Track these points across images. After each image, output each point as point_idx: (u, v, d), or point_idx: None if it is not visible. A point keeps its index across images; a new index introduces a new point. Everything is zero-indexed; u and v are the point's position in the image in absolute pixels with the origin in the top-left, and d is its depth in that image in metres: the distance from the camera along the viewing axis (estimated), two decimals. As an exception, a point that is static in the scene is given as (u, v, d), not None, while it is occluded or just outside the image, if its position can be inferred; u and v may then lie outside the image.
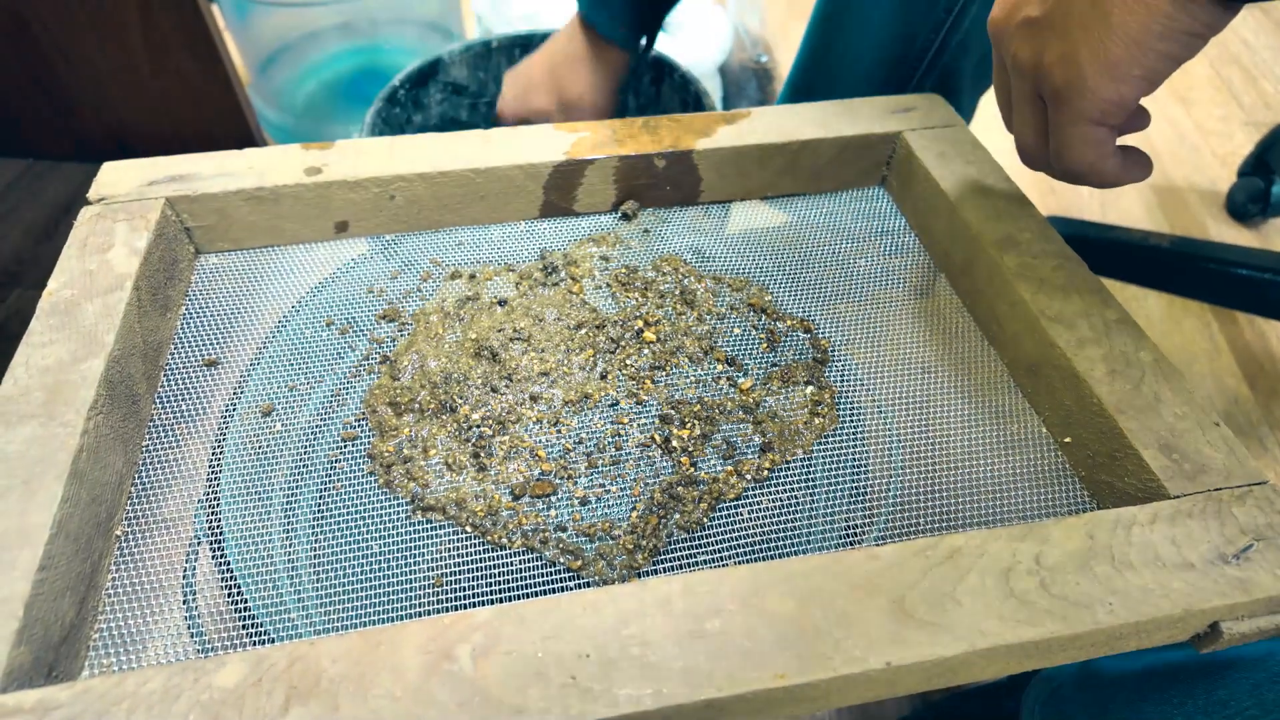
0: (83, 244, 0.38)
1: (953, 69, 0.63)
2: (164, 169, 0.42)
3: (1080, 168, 0.33)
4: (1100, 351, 0.35)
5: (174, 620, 0.30)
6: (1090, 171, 0.33)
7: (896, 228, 0.47)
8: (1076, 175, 0.33)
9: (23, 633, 0.26)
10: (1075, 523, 0.29)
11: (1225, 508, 0.30)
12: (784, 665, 0.25)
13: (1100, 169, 0.33)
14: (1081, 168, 0.33)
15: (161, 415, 0.36)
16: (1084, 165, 0.33)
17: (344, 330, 0.41)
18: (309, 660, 0.25)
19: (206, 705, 0.24)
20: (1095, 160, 0.32)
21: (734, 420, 0.37)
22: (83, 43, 0.93)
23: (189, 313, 0.41)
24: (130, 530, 0.32)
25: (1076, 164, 0.33)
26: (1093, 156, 0.32)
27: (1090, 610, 0.27)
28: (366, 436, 0.36)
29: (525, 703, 0.24)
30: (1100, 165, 0.33)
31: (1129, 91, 0.30)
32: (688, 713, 0.24)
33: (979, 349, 0.40)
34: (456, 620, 0.26)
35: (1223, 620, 0.28)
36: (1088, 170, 0.33)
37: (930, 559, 0.28)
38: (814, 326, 0.42)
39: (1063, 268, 0.39)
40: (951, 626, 0.26)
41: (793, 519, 0.34)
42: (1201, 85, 1.39)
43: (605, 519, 0.34)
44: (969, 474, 0.35)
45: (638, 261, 0.45)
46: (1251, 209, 1.09)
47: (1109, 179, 0.33)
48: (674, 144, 0.45)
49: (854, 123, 0.47)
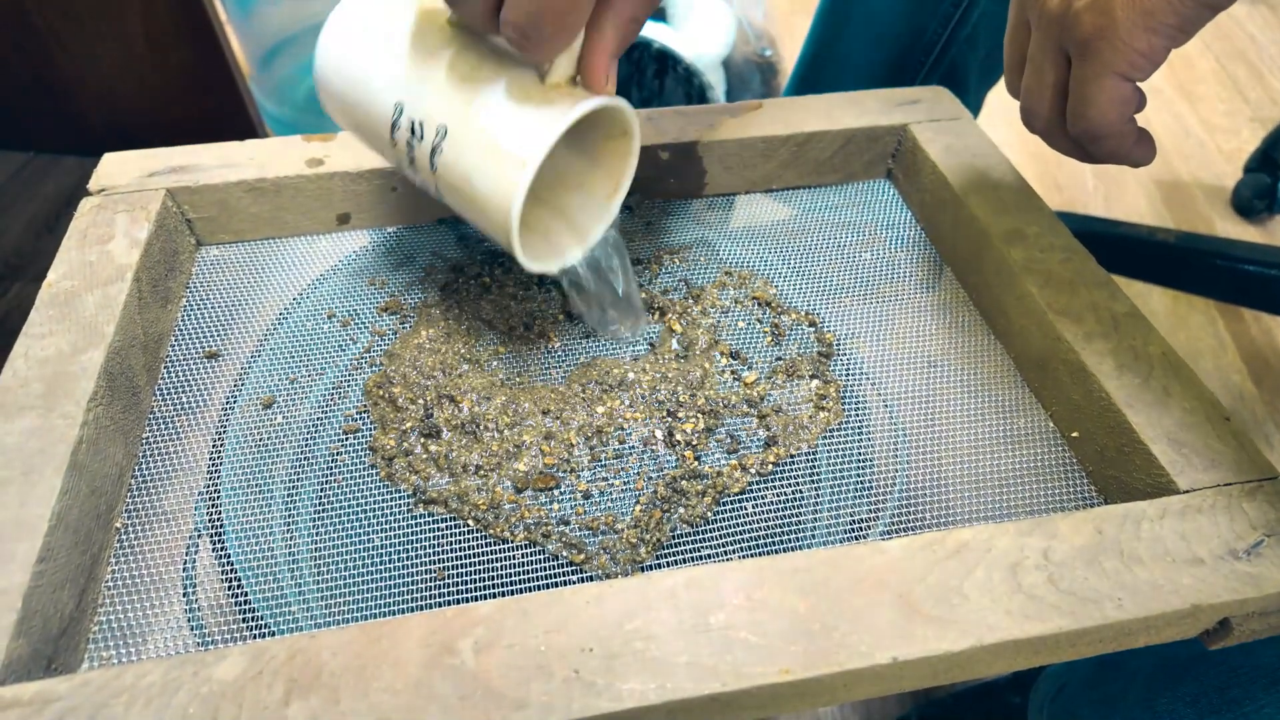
0: (83, 235, 0.38)
1: (959, 63, 0.63)
2: (165, 160, 0.42)
3: (1101, 127, 0.31)
4: (1109, 345, 0.35)
5: (174, 613, 0.30)
6: (1109, 133, 0.31)
7: (902, 221, 0.47)
8: (1094, 136, 0.32)
9: (22, 625, 0.26)
10: (1084, 517, 0.29)
11: (1235, 503, 0.29)
12: (789, 660, 0.25)
13: (1120, 131, 0.31)
14: (1102, 127, 0.31)
15: (162, 407, 0.36)
16: (1104, 124, 0.31)
17: (345, 323, 0.40)
18: (309, 653, 0.24)
19: (206, 698, 0.23)
20: (1116, 119, 0.31)
21: (738, 414, 0.37)
22: (84, 35, 0.93)
23: (190, 304, 0.40)
24: (130, 522, 0.32)
25: (1097, 122, 0.31)
26: (1115, 115, 0.31)
27: (1099, 605, 0.26)
28: (368, 429, 0.36)
29: (528, 697, 0.24)
30: (1120, 127, 0.31)
31: (1160, 43, 0.29)
32: (692, 707, 0.24)
33: (985, 343, 0.40)
34: (458, 614, 0.25)
35: (1233, 616, 0.27)
36: (1107, 131, 0.31)
37: (937, 553, 0.27)
38: (819, 320, 0.41)
39: (1070, 261, 0.39)
40: (959, 621, 0.26)
41: (797, 513, 0.34)
42: (1208, 81, 1.38)
43: (608, 513, 0.34)
44: (975, 468, 0.35)
45: (641, 254, 0.44)
46: (1257, 205, 1.09)
47: (1126, 142, 0.32)
48: (678, 136, 0.45)
49: (859, 115, 0.47)
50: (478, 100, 0.29)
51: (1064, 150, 0.35)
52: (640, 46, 0.77)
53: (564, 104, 0.29)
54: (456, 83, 0.30)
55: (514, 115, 0.29)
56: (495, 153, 0.29)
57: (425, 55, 0.30)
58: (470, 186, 0.30)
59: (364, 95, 0.32)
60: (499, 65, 0.30)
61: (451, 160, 0.30)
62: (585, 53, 0.29)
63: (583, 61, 0.30)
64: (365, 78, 0.32)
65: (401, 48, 0.31)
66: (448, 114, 0.30)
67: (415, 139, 0.30)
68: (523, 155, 0.28)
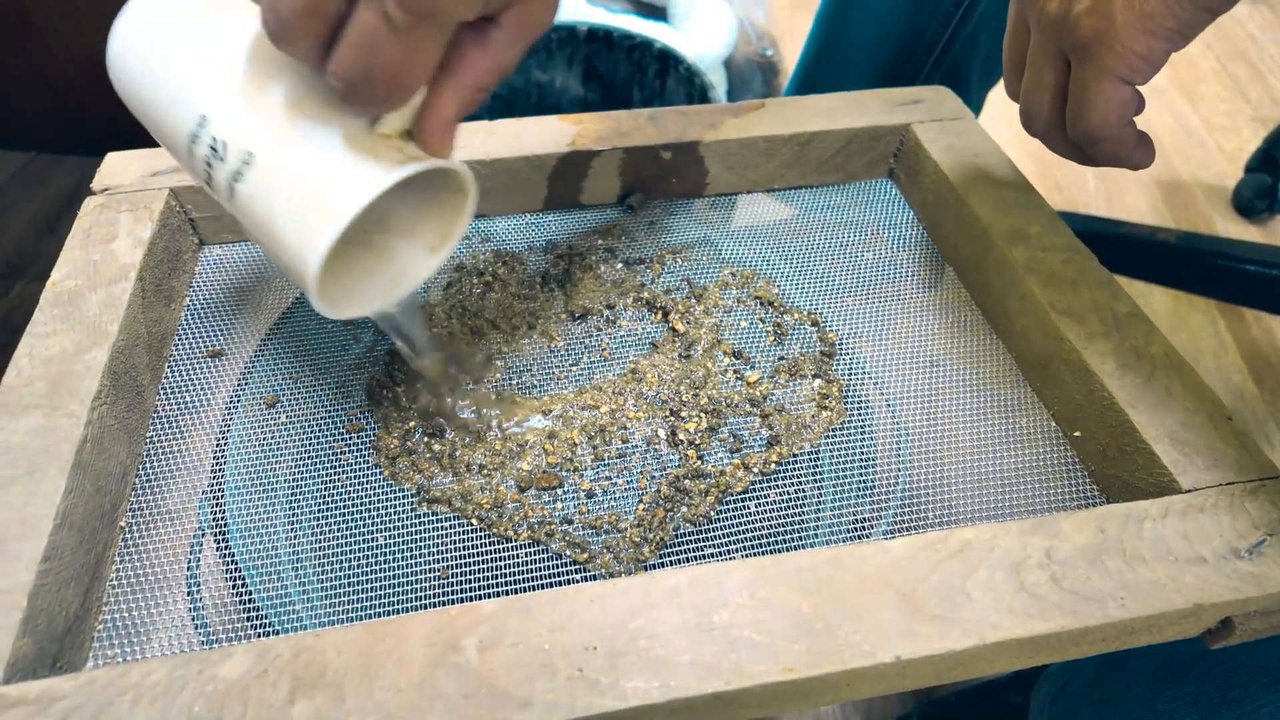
0: (86, 234, 0.38)
1: (961, 63, 0.63)
2: (168, 159, 0.42)
3: (1100, 130, 0.31)
4: (1111, 345, 0.35)
5: (178, 612, 0.30)
6: (1109, 136, 0.32)
7: (904, 220, 0.47)
8: (1093, 139, 0.32)
9: (27, 623, 0.26)
10: (1086, 516, 0.29)
11: (1238, 502, 0.29)
12: (793, 659, 0.25)
13: (1119, 134, 0.32)
14: (1101, 130, 0.31)
15: (165, 406, 0.36)
16: (1104, 127, 0.31)
17: (349, 321, 0.40)
18: (314, 652, 0.24)
19: (211, 696, 0.23)
20: (1116, 123, 0.31)
21: (741, 413, 0.37)
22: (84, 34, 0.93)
23: (193, 304, 0.40)
24: (134, 521, 0.32)
25: (1097, 125, 0.31)
26: (1114, 118, 0.31)
27: (1101, 604, 0.26)
28: (371, 428, 0.36)
29: (532, 695, 0.24)
30: (1119, 130, 0.31)
31: (1159, 46, 0.29)
32: (696, 706, 0.24)
33: (988, 342, 0.40)
34: (462, 612, 0.25)
35: (1235, 615, 0.27)
36: (1107, 134, 0.32)
37: (940, 553, 0.27)
38: (821, 320, 0.41)
39: (1073, 261, 0.39)
40: (962, 620, 0.26)
41: (800, 512, 0.34)
42: (1209, 81, 1.38)
43: (612, 512, 0.34)
44: (977, 468, 0.35)
45: (644, 253, 0.44)
46: (1258, 205, 1.09)
47: (1125, 146, 0.32)
48: (680, 136, 0.45)
49: (861, 115, 0.47)
50: (294, 134, 0.25)
51: (1063, 153, 0.35)
52: (642, 46, 0.77)
53: (390, 160, 0.25)
54: (275, 108, 0.25)
55: (333, 161, 0.25)
56: (304, 198, 0.25)
57: (249, 68, 0.26)
58: (271, 226, 0.26)
59: (164, 92, 0.27)
60: (329, 100, 0.26)
61: (253, 193, 0.25)
62: (423, 114, 0.26)
63: (420, 122, 0.26)
64: (172, 73, 0.27)
65: (224, 51, 0.26)
66: (258, 142, 0.25)
67: (215, 158, 0.26)
68: (334, 207, 0.24)
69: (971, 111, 0.48)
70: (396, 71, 0.23)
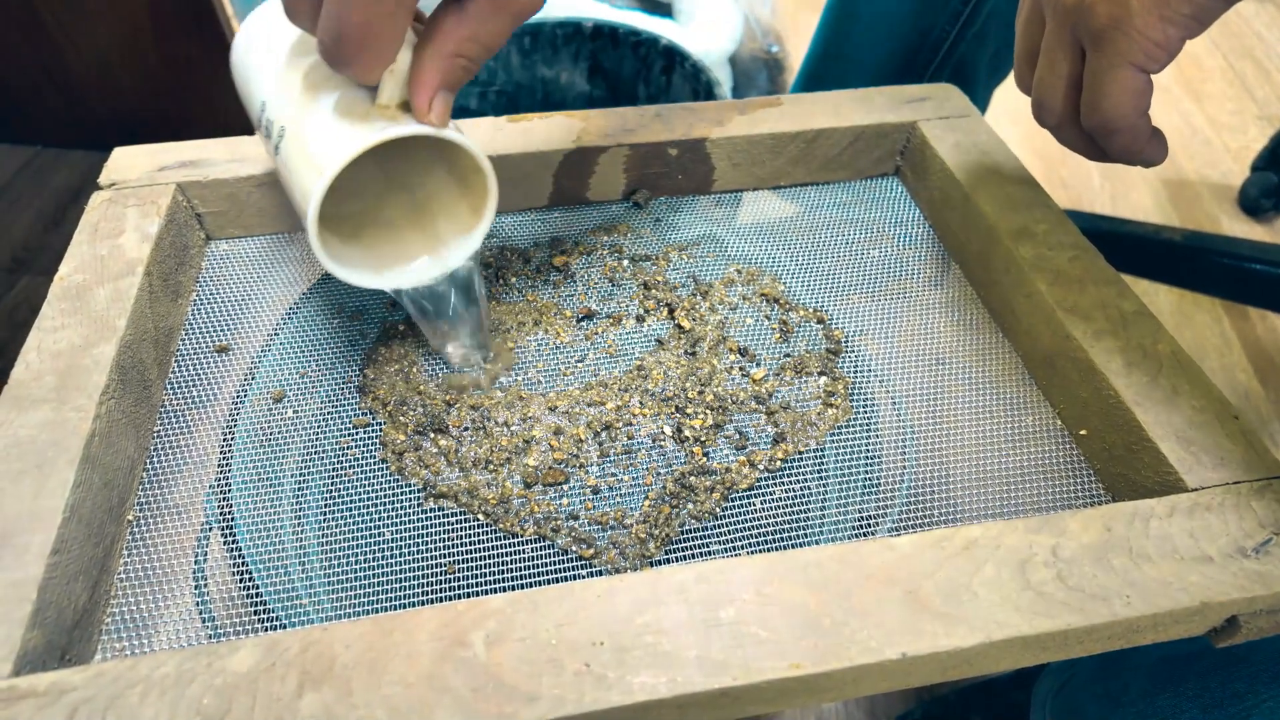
0: (94, 229, 0.38)
1: (968, 60, 0.62)
2: (175, 154, 0.42)
3: (1116, 119, 0.31)
4: (1117, 343, 0.35)
5: (185, 605, 0.30)
6: (1124, 126, 0.31)
7: (910, 218, 0.47)
8: (1109, 129, 0.32)
9: (36, 616, 0.26)
10: (1092, 515, 0.29)
11: (1244, 501, 0.29)
12: (799, 655, 0.25)
13: (1135, 124, 0.31)
14: (1117, 120, 0.31)
15: (173, 401, 0.36)
16: (1120, 117, 0.31)
17: (355, 316, 0.41)
18: (322, 645, 0.24)
19: (220, 689, 0.24)
20: (1131, 112, 0.31)
21: (747, 411, 0.37)
22: (91, 30, 0.93)
23: (200, 299, 0.41)
24: (142, 515, 0.32)
25: (1112, 114, 0.31)
26: (1129, 107, 0.31)
27: (1107, 603, 0.26)
28: (378, 423, 0.36)
29: (539, 690, 0.24)
30: (1135, 120, 0.31)
31: (1175, 33, 0.28)
32: (702, 701, 0.24)
33: (993, 340, 0.40)
34: (470, 607, 0.25)
35: (1241, 613, 0.27)
36: (1122, 124, 0.31)
37: (946, 550, 0.27)
38: (827, 317, 0.41)
39: (1079, 259, 0.39)
40: (968, 618, 0.26)
41: (806, 509, 0.34)
42: (1215, 79, 1.38)
43: (618, 508, 0.34)
44: (983, 465, 0.35)
45: (650, 250, 0.44)
46: (1264, 204, 1.09)
47: (1141, 137, 0.32)
48: (686, 132, 0.45)
49: (868, 112, 0.47)
50: (309, 108, 0.30)
51: (1075, 146, 0.34)
52: (648, 43, 0.77)
53: (378, 124, 0.29)
54: (301, 90, 0.31)
55: (329, 127, 0.29)
56: (308, 159, 0.29)
57: (287, 61, 0.32)
58: (291, 187, 0.31)
59: (246, 87, 0.35)
60: (342, 83, 0.30)
61: (284, 159, 0.31)
62: (410, 82, 0.29)
63: (409, 91, 0.29)
64: (251, 72, 0.34)
65: (279, 49, 0.33)
66: (286, 118, 0.31)
67: (269, 134, 0.32)
68: (322, 165, 0.28)
69: (978, 109, 0.48)
70: (363, 33, 0.26)
